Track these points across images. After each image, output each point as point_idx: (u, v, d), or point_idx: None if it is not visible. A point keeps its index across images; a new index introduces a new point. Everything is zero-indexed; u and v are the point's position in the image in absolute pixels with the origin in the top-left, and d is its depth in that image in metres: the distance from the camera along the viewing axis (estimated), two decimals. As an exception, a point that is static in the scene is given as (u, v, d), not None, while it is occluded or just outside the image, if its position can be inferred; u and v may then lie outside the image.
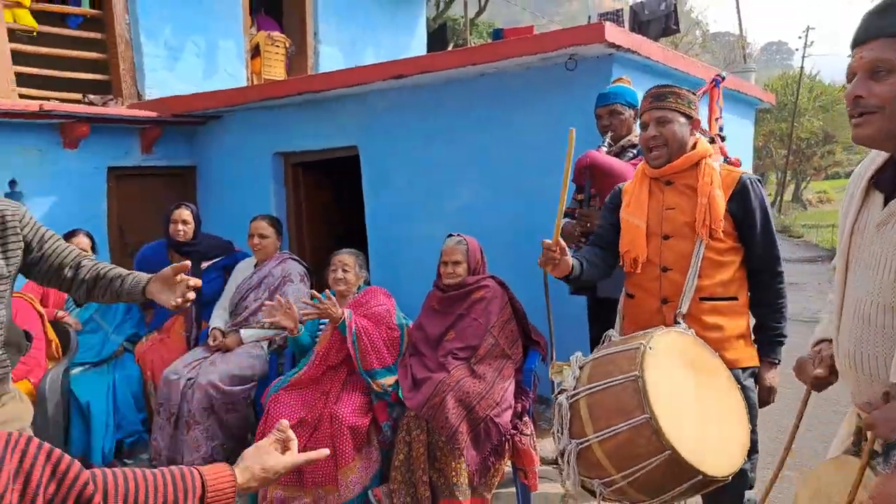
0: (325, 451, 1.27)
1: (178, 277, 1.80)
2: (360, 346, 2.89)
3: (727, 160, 2.77)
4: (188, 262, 1.83)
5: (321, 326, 3.19)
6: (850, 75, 1.27)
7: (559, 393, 1.89)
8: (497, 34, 4.95)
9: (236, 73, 6.11)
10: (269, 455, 1.16)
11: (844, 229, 1.38)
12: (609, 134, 2.85)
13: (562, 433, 1.81)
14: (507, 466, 2.78)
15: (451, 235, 3.05)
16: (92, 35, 5.17)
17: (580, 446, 1.75)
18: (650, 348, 1.76)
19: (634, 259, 2.16)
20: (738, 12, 14.87)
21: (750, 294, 2.15)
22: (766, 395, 2.12)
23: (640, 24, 7.19)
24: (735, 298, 2.10)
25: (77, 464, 0.92)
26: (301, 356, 3.17)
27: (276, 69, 6.44)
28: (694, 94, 2.19)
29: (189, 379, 3.22)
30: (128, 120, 4.76)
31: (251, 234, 3.60)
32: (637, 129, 2.94)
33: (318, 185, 5.16)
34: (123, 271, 1.87)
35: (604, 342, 2.04)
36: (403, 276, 3.93)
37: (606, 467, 1.71)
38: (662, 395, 1.69)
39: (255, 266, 3.66)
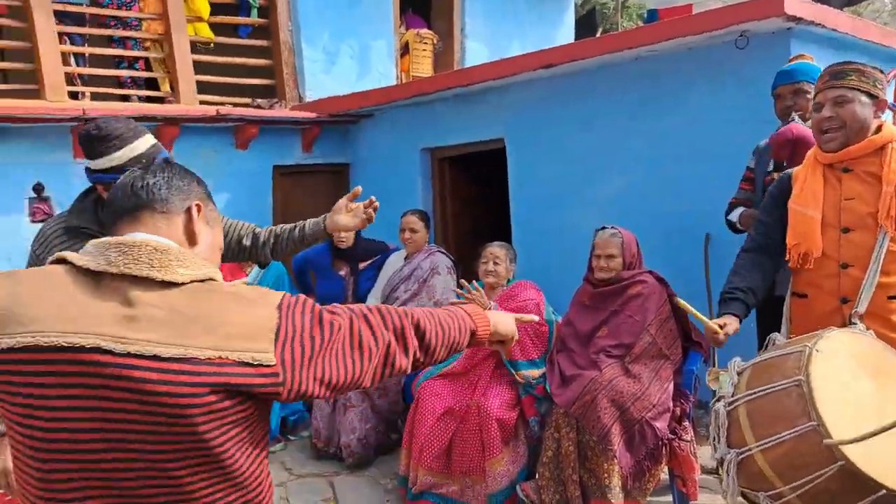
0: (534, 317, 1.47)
1: (353, 205, 2.00)
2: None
3: None
4: (360, 188, 2.03)
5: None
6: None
7: (717, 400, 1.80)
8: (652, 16, 4.67)
9: (387, 71, 6.34)
10: (506, 317, 1.39)
11: None
12: (797, 114, 2.56)
13: (719, 442, 1.73)
14: (663, 472, 2.64)
15: (603, 227, 2.92)
16: (259, 43, 5.64)
17: (740, 456, 1.65)
18: (817, 350, 1.65)
19: (805, 254, 1.99)
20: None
21: None
22: None
23: (818, -6, 6.43)
24: None
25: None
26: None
27: (423, 66, 6.60)
28: (882, 72, 1.95)
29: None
30: (290, 121, 5.14)
31: (402, 229, 3.72)
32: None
33: (463, 178, 5.22)
34: (298, 223, 2.07)
35: (767, 346, 1.92)
36: (550, 270, 3.84)
37: (771, 479, 1.60)
38: (832, 400, 1.57)
39: (406, 259, 3.77)
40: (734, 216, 2.77)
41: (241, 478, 1.02)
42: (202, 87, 5.17)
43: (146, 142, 1.80)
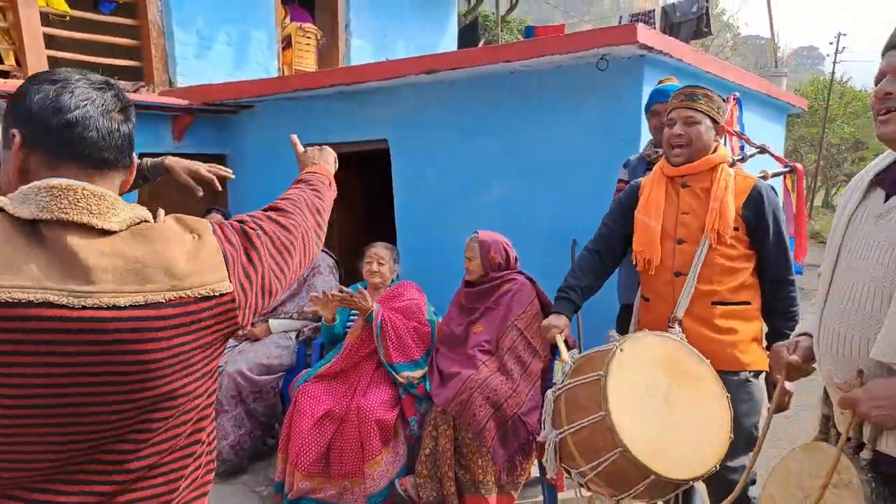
0: None
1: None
2: (384, 339, 2.91)
3: (790, 166, 2.75)
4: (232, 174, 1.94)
5: (352, 317, 3.22)
6: (880, 77, 1.31)
7: (550, 387, 2.02)
8: (529, 32, 4.93)
9: (267, 64, 6.14)
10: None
11: (839, 222, 1.45)
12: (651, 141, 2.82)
13: (544, 426, 1.96)
14: (533, 466, 2.78)
15: (473, 233, 3.07)
16: (124, 21, 5.23)
17: (558, 437, 1.88)
18: (621, 350, 1.85)
19: (648, 260, 2.17)
20: (770, 16, 14.66)
21: (762, 301, 2.15)
22: (782, 400, 2.07)
23: (671, 26, 7.11)
24: (748, 303, 2.11)
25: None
26: (331, 347, 3.20)
27: (307, 60, 6.47)
28: (725, 100, 2.19)
29: (218, 367, 3.26)
30: (158, 107, 4.82)
31: None
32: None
33: (348, 177, 5.18)
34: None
35: (605, 341, 2.12)
36: (434, 272, 3.93)
37: (577, 458, 1.83)
38: (623, 395, 1.78)
39: (284, 256, 3.69)
40: None
41: (197, 413, 1.03)
42: (56, 64, 4.71)
43: None
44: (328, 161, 1.57)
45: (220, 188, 1.91)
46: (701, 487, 2.28)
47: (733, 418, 1.85)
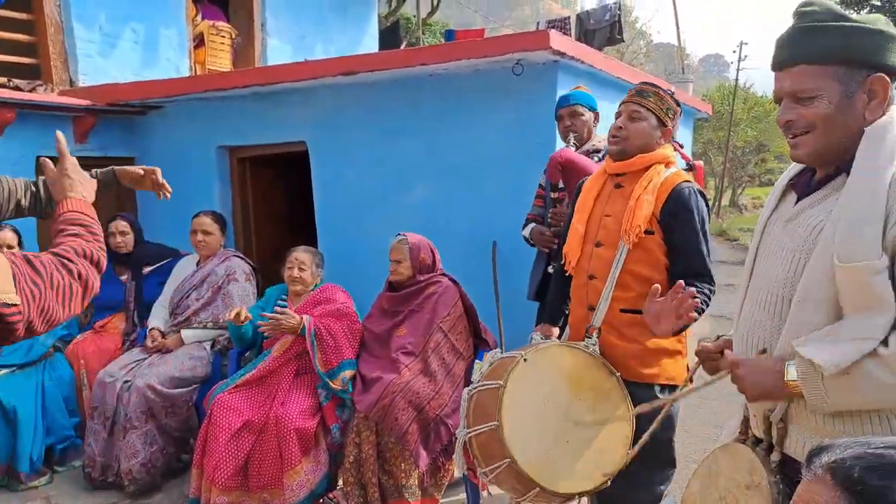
0: None
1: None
2: (321, 347, 2.84)
3: (690, 164, 2.77)
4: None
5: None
6: (777, 98, 1.30)
7: (467, 387, 2.03)
8: (449, 35, 4.97)
9: (178, 63, 5.89)
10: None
11: (758, 226, 1.47)
12: (573, 135, 2.87)
13: (461, 425, 1.96)
14: (456, 466, 2.79)
15: (398, 235, 3.04)
16: (18, 16, 4.88)
17: (465, 437, 1.91)
18: (524, 360, 1.84)
19: (570, 262, 2.13)
20: (677, 24, 15.50)
21: None
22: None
23: (585, 33, 7.36)
24: None
25: None
26: (245, 351, 3.10)
27: (221, 60, 6.26)
28: (679, 105, 2.12)
29: (126, 381, 3.09)
30: (57, 107, 4.52)
31: (193, 231, 3.48)
32: (598, 134, 2.99)
33: (266, 180, 5.05)
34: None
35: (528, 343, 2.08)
36: (354, 275, 3.88)
37: (479, 460, 1.86)
38: (517, 406, 1.78)
39: (198, 264, 3.54)
40: (526, 232, 2.99)
41: None
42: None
43: None
44: (88, 191, 1.48)
45: (168, 197, 2.02)
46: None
47: (651, 432, 1.72)
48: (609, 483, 1.81)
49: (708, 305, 1.93)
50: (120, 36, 5.49)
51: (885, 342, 1.14)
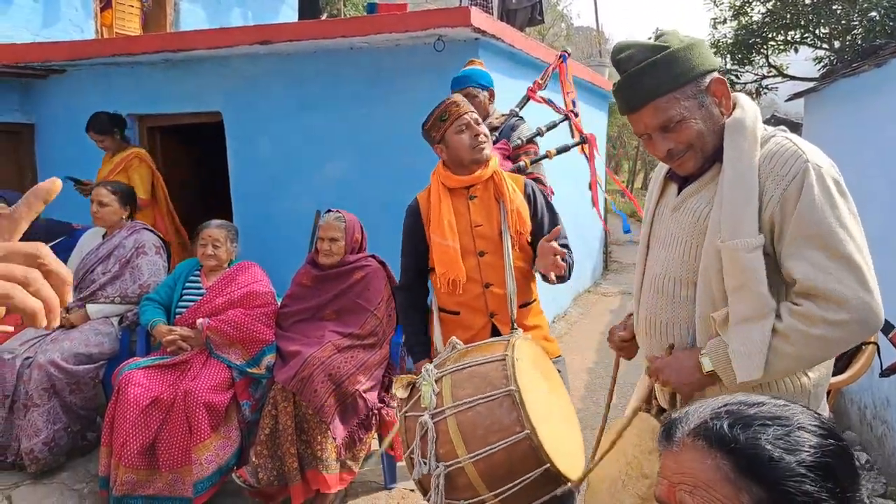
0: None
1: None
2: (226, 345, 2.82)
3: (583, 136, 2.85)
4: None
5: (185, 296, 3.05)
6: (641, 134, 1.38)
7: (408, 412, 1.70)
8: (371, 8, 4.90)
9: (83, 24, 5.53)
10: None
11: (646, 215, 1.58)
12: None
13: (425, 457, 1.61)
14: (373, 439, 2.83)
15: (329, 211, 2.96)
16: None
17: (448, 469, 1.58)
18: (517, 359, 1.65)
19: (454, 281, 2.11)
20: (596, 8, 15.95)
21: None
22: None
23: (507, 13, 7.44)
24: (536, 300, 2.22)
25: None
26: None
27: (130, 24, 5.93)
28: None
29: (27, 358, 2.94)
30: (-55, 67, 4.17)
31: (92, 201, 3.33)
32: (496, 112, 3.04)
33: (181, 150, 4.86)
34: None
35: (451, 349, 1.85)
36: (271, 248, 3.84)
37: (478, 487, 1.58)
38: (535, 408, 1.60)
39: (104, 237, 3.40)
40: None
41: None
42: None
43: None
44: None
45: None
46: None
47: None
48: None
49: (571, 267, 2.12)
50: (15, -8, 5.09)
51: (778, 316, 1.27)
